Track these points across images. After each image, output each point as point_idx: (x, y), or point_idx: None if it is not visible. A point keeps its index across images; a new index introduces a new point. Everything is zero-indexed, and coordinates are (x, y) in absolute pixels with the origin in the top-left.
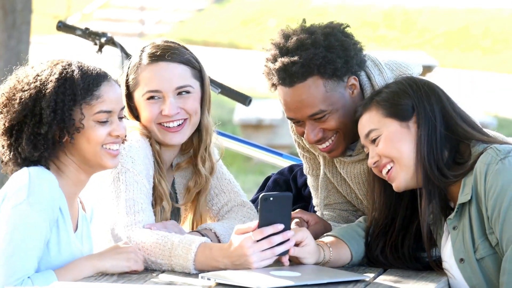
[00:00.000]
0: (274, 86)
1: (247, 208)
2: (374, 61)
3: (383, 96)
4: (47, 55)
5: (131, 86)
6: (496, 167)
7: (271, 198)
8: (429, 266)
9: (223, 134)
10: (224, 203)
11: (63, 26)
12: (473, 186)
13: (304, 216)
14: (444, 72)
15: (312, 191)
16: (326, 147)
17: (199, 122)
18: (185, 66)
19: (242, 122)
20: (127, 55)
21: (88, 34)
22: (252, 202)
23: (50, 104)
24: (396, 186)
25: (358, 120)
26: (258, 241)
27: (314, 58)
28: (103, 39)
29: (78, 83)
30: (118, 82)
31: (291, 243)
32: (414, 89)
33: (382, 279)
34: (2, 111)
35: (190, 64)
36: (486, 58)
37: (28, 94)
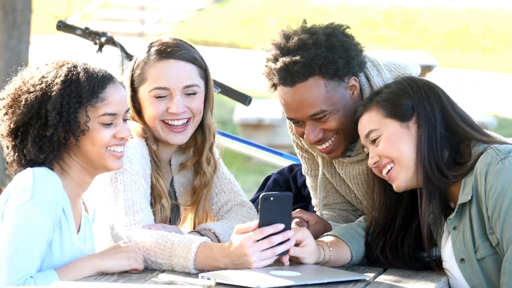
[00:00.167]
0: (274, 86)
1: (247, 207)
2: (372, 62)
3: (383, 96)
4: (47, 55)
5: (136, 81)
6: (496, 167)
7: (272, 198)
8: (429, 266)
9: (223, 134)
10: (224, 203)
11: (63, 26)
12: (473, 186)
13: (304, 216)
14: (444, 72)
15: (311, 192)
16: (326, 148)
17: (203, 122)
18: (193, 65)
19: (242, 121)
20: (127, 55)
21: (88, 33)
22: (252, 202)
23: (56, 106)
24: (396, 186)
25: (358, 120)
26: (258, 240)
27: (315, 58)
28: (103, 39)
29: (84, 86)
30: (122, 84)
31: (291, 243)
32: (414, 89)
33: (382, 279)
34: (7, 112)
35: (198, 63)
36: (486, 58)
37: (33, 96)
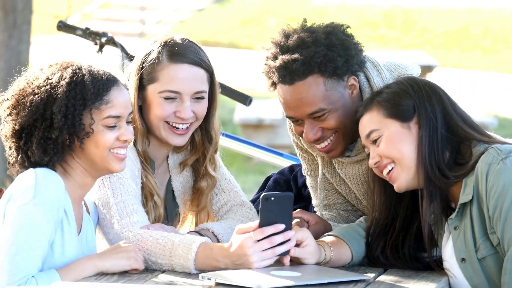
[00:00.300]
0: (273, 84)
1: (246, 208)
2: (372, 62)
3: (384, 96)
4: (48, 55)
5: (146, 79)
6: (497, 167)
7: (272, 198)
8: (429, 266)
9: (224, 134)
10: (223, 203)
11: (64, 26)
12: (474, 186)
13: (304, 216)
14: (444, 72)
15: (311, 192)
16: (325, 147)
17: (210, 124)
18: (204, 71)
19: (242, 122)
20: (128, 55)
21: (88, 34)
22: (252, 202)
23: (61, 109)
24: (397, 186)
25: (358, 120)
26: (258, 241)
27: (315, 56)
28: (104, 39)
29: (89, 88)
30: (126, 86)
31: (292, 243)
32: (415, 89)
33: (383, 279)
34: (12, 113)
35: (207, 68)
36: (486, 58)
37: (38, 98)
